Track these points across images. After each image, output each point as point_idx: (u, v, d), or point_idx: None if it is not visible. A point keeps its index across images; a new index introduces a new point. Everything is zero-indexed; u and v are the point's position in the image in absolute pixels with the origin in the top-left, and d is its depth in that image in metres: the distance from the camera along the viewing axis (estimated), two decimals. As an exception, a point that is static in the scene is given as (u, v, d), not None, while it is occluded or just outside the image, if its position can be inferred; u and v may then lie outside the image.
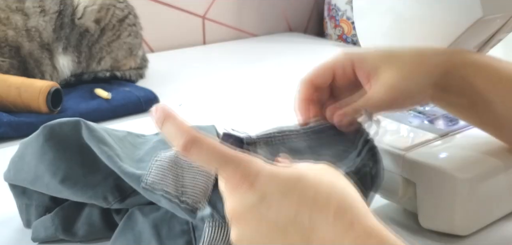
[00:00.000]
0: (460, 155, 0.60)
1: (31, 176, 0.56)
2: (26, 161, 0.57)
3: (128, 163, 0.54)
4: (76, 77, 1.11)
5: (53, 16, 1.07)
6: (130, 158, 0.56)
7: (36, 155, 0.56)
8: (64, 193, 0.56)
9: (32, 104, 0.91)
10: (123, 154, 0.56)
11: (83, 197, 0.56)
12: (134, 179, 0.52)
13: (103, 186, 0.55)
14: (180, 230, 0.53)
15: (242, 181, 0.38)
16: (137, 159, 0.56)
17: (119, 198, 0.55)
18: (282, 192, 0.37)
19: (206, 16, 1.63)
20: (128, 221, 0.56)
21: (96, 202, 0.56)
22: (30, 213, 0.60)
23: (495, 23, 0.64)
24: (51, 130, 0.56)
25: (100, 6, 1.13)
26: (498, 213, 0.61)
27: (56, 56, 1.08)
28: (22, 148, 0.58)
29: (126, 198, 0.56)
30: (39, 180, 0.56)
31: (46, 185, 0.56)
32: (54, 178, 0.55)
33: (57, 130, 0.56)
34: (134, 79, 1.18)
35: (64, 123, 0.56)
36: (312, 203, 0.37)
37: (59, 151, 0.56)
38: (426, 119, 0.69)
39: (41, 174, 0.56)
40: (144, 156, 0.57)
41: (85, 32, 1.12)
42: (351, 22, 1.65)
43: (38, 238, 0.58)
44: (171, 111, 0.40)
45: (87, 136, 0.55)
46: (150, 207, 0.55)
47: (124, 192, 0.56)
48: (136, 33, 1.20)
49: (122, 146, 0.57)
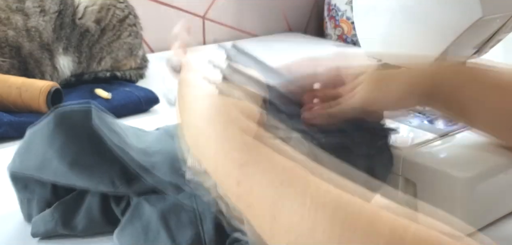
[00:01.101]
0: (460, 155, 0.60)
1: (38, 162, 0.57)
2: (33, 148, 0.57)
3: (135, 151, 0.56)
4: (76, 77, 1.11)
5: (53, 16, 1.07)
6: (136, 147, 0.57)
7: (45, 140, 0.57)
8: (71, 178, 0.56)
9: (32, 104, 0.91)
10: (130, 142, 0.57)
11: (91, 181, 0.56)
12: (143, 170, 0.54)
13: (110, 171, 0.56)
14: (188, 220, 0.54)
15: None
16: (143, 150, 0.57)
17: (126, 182, 0.56)
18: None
19: (206, 16, 1.63)
20: (135, 211, 0.56)
21: (103, 186, 0.57)
22: (32, 207, 0.60)
23: (495, 23, 0.64)
24: (62, 116, 0.57)
25: (100, 6, 1.14)
26: (498, 213, 0.61)
27: (57, 57, 1.08)
28: (30, 135, 0.59)
29: (132, 182, 0.57)
30: (46, 166, 0.57)
31: (53, 171, 0.56)
32: (63, 162, 0.56)
33: (68, 115, 0.57)
34: (134, 79, 1.18)
35: (76, 109, 0.57)
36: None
37: (69, 136, 0.56)
38: (426, 119, 0.69)
39: (49, 159, 0.56)
40: (149, 147, 0.58)
41: (85, 32, 1.12)
42: (351, 22, 1.65)
43: (38, 233, 0.59)
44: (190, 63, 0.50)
45: (97, 123, 0.56)
46: (156, 197, 0.56)
47: (131, 176, 0.56)
48: (136, 33, 1.21)
49: (127, 135, 0.58)
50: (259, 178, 0.38)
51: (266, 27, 1.78)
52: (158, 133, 0.62)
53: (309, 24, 1.90)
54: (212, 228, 0.53)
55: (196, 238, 0.53)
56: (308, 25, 1.90)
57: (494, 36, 0.67)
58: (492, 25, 0.64)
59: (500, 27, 0.65)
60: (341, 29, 1.69)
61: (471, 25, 0.60)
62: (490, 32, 0.66)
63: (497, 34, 0.67)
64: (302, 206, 0.35)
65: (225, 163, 0.40)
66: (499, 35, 0.67)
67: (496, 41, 0.69)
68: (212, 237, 0.53)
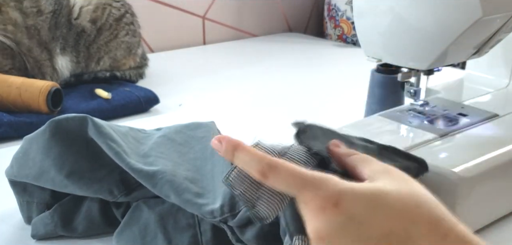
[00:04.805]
0: (460, 155, 0.60)
1: (35, 171, 0.57)
2: (30, 157, 0.57)
3: (134, 158, 0.55)
4: (76, 77, 1.11)
5: (49, 16, 1.07)
6: (135, 153, 0.57)
7: (41, 150, 0.56)
8: (69, 187, 0.56)
9: (32, 104, 0.91)
10: (129, 150, 0.56)
11: (89, 191, 0.56)
12: (142, 175, 0.53)
13: (108, 180, 0.56)
14: (186, 223, 0.53)
15: (324, 203, 0.38)
16: (143, 154, 0.57)
17: (125, 191, 0.56)
18: (370, 209, 0.38)
19: (206, 16, 1.63)
20: (133, 214, 0.56)
21: (102, 196, 0.56)
22: (31, 210, 0.60)
23: (495, 23, 0.64)
24: (57, 125, 0.57)
25: (95, 6, 1.14)
26: (498, 213, 0.61)
27: (55, 57, 1.08)
28: (26, 143, 0.58)
29: (131, 191, 0.56)
30: (44, 175, 0.56)
31: (51, 180, 0.56)
32: (60, 172, 0.56)
33: (64, 125, 0.57)
34: (134, 79, 1.18)
35: (71, 118, 0.57)
36: (403, 215, 0.38)
37: (65, 146, 0.56)
38: (426, 119, 0.69)
39: (46, 169, 0.56)
40: (149, 151, 0.58)
41: (82, 32, 1.12)
42: (351, 22, 1.65)
43: (38, 235, 0.59)
44: (237, 140, 0.41)
45: (93, 133, 0.55)
46: (155, 200, 0.56)
47: (130, 185, 0.56)
48: (134, 31, 1.20)
49: (126, 141, 0.58)
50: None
51: (266, 27, 1.78)
52: (159, 135, 0.62)
53: (309, 24, 1.90)
54: (210, 231, 0.53)
55: (194, 241, 0.53)
56: (308, 25, 1.90)
57: (494, 36, 0.67)
58: (492, 25, 0.64)
59: (500, 27, 0.65)
60: (341, 29, 1.69)
61: (471, 25, 0.60)
62: (490, 32, 0.66)
63: (497, 34, 0.67)
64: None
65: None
66: (499, 35, 0.67)
67: (496, 41, 0.69)
68: (210, 240, 0.53)
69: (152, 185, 0.53)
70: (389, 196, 0.39)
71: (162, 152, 0.58)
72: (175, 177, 0.53)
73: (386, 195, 0.38)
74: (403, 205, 0.38)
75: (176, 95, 1.11)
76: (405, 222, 0.38)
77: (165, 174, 0.53)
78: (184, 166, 0.57)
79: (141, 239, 0.54)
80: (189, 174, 0.55)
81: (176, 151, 0.59)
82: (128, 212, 0.57)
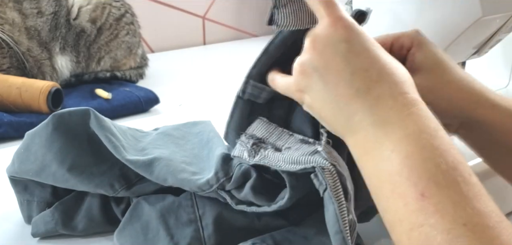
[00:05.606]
0: (460, 155, 0.60)
1: (37, 166, 0.57)
2: (32, 151, 0.57)
3: (132, 153, 0.56)
4: (76, 77, 1.11)
5: (49, 17, 1.07)
6: (133, 148, 0.57)
7: (44, 143, 0.57)
8: (70, 181, 0.56)
9: (32, 104, 0.91)
10: (127, 145, 0.57)
11: (90, 185, 0.56)
12: (139, 165, 0.54)
13: (109, 174, 0.56)
14: (187, 219, 0.54)
15: (336, 22, 0.44)
16: (140, 149, 0.58)
17: (126, 186, 0.56)
18: (364, 43, 0.44)
19: (206, 16, 1.63)
20: (134, 211, 0.56)
21: (103, 190, 0.57)
22: (32, 209, 0.61)
23: (495, 23, 0.64)
24: (60, 119, 0.57)
25: (95, 6, 1.14)
26: (498, 213, 0.61)
27: (55, 57, 1.08)
28: (28, 138, 0.59)
29: (132, 186, 0.57)
30: (45, 170, 0.57)
31: (52, 174, 0.56)
32: (62, 166, 0.56)
33: (66, 118, 0.57)
34: (135, 79, 1.18)
35: (74, 112, 0.57)
36: (384, 64, 0.43)
37: (67, 140, 0.56)
38: (426, 119, 0.69)
39: (48, 163, 0.56)
40: (146, 145, 0.58)
41: (81, 33, 1.12)
42: (351, 22, 1.64)
43: (38, 233, 0.59)
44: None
45: (95, 125, 0.56)
46: (156, 196, 0.56)
47: (130, 180, 0.57)
48: (134, 31, 1.20)
49: (125, 138, 0.59)
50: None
51: (266, 27, 1.77)
52: (157, 133, 0.63)
53: (309, 24, 1.90)
54: (211, 225, 0.53)
55: (196, 235, 0.53)
56: (308, 25, 1.90)
57: (494, 36, 0.67)
58: (492, 25, 0.64)
59: (500, 27, 0.65)
60: (341, 29, 1.69)
61: (471, 25, 0.60)
62: (490, 32, 0.66)
63: (497, 34, 0.67)
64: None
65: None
66: (499, 35, 0.67)
67: (496, 41, 0.69)
68: (211, 235, 0.53)
69: (149, 172, 0.54)
70: (383, 52, 0.45)
71: (160, 144, 0.59)
72: (172, 162, 0.54)
73: (380, 49, 0.45)
74: (386, 60, 0.44)
75: (176, 95, 1.11)
76: (383, 69, 0.43)
77: (162, 159, 0.54)
78: (181, 154, 0.58)
79: (143, 236, 0.54)
80: (186, 159, 0.56)
81: (173, 143, 0.60)
82: (129, 209, 0.57)
